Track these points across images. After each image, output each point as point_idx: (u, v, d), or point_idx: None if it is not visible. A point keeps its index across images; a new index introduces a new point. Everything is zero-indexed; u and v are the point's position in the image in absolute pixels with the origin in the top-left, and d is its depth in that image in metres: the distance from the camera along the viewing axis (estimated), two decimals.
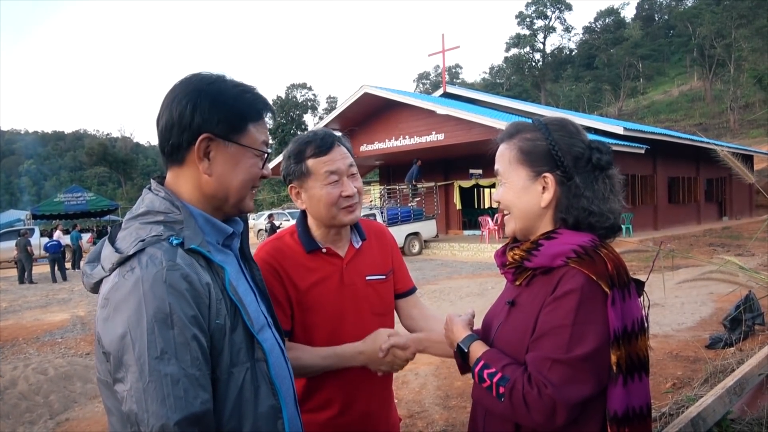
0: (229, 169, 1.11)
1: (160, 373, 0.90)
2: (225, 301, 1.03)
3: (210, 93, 1.09)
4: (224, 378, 1.01)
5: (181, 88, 1.10)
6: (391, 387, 1.76)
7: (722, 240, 15.33)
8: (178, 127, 1.08)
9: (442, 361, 4.97)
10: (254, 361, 1.06)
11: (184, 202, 1.10)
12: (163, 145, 1.11)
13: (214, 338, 0.99)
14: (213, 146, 1.09)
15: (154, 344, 0.91)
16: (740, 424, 2.44)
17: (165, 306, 0.93)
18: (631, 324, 1.07)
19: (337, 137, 1.60)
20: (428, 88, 75.03)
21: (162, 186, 1.12)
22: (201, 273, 1.00)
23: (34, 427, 4.51)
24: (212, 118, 1.08)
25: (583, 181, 1.17)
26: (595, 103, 56.04)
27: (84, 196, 26.39)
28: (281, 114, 67.17)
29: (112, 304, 0.95)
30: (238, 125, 1.11)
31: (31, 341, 7.61)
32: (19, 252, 15.62)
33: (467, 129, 15.95)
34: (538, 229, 1.22)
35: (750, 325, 4.75)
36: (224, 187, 1.12)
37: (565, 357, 1.06)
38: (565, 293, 1.09)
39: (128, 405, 0.91)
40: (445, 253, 16.62)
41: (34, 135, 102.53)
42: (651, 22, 72.54)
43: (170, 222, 1.05)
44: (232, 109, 1.10)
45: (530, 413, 1.07)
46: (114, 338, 0.93)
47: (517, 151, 1.22)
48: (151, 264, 0.96)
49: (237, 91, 1.12)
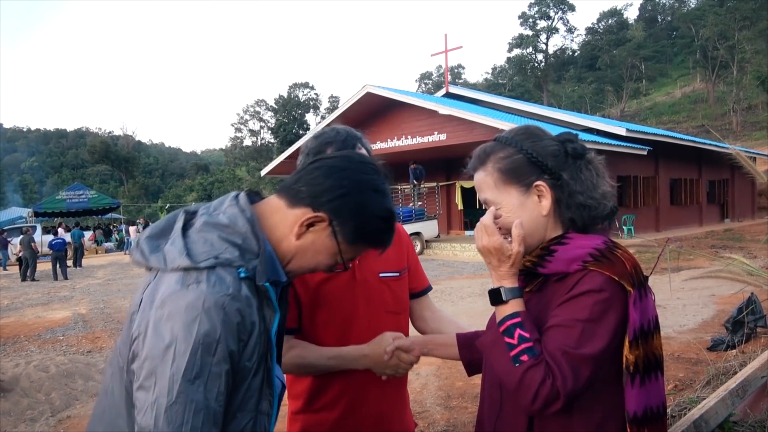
0: (312, 251, 1.09)
1: (188, 397, 0.89)
2: (261, 344, 1.00)
3: (363, 199, 1.07)
4: (227, 419, 0.98)
5: (350, 170, 1.09)
6: (406, 388, 1.71)
7: (724, 242, 15.31)
8: (324, 191, 1.06)
9: (443, 361, 4.97)
10: (258, 413, 1.03)
11: (264, 234, 1.05)
12: (297, 185, 1.09)
13: (236, 378, 0.97)
14: (320, 226, 1.06)
15: (193, 366, 0.90)
16: (743, 426, 2.43)
17: (215, 333, 0.91)
18: (647, 323, 1.07)
19: (358, 138, 1.56)
20: (430, 88, 74.98)
21: (250, 206, 1.06)
22: (254, 313, 0.99)
23: (36, 425, 4.51)
24: (343, 215, 1.06)
25: (570, 176, 1.16)
26: (597, 104, 56.01)
27: (86, 194, 26.45)
28: (283, 113, 67.22)
29: (168, 308, 0.93)
30: (353, 239, 1.08)
31: (33, 338, 7.62)
32: (24, 249, 15.66)
33: (469, 129, 15.96)
34: (547, 237, 1.20)
35: (752, 328, 4.74)
36: (297, 256, 1.09)
37: (575, 351, 1.05)
38: (582, 292, 1.08)
39: (144, 417, 0.90)
40: (447, 253, 16.63)
41: (37, 133, 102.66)
42: (654, 23, 72.44)
43: (246, 250, 1.01)
44: (363, 225, 1.08)
45: (535, 400, 1.05)
46: (158, 345, 0.91)
47: (498, 173, 1.19)
48: (219, 286, 0.94)
49: (382, 213, 1.10)
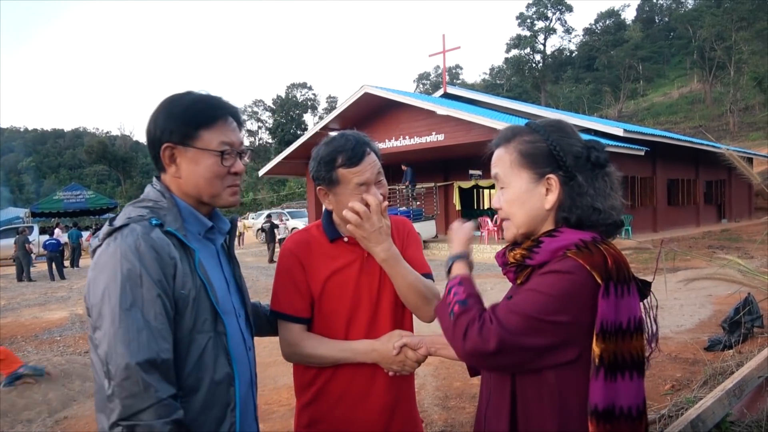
0: (192, 170, 1.30)
1: (128, 321, 1.09)
2: (192, 277, 1.22)
3: (165, 108, 1.30)
4: (186, 341, 1.20)
5: (153, 110, 1.31)
6: (413, 384, 1.74)
7: (721, 242, 15.34)
8: (149, 142, 1.31)
9: (441, 361, 4.97)
10: (216, 333, 1.25)
11: (174, 195, 1.31)
12: (151, 156, 1.34)
13: (178, 305, 1.19)
14: (176, 153, 1.29)
15: (125, 297, 1.11)
16: (739, 426, 2.44)
17: (136, 268, 1.13)
18: (627, 321, 1.07)
19: (368, 144, 1.60)
20: (428, 89, 75.02)
21: (159, 182, 1.34)
22: (172, 249, 1.20)
23: (33, 426, 4.50)
24: (167, 129, 1.28)
25: (585, 180, 1.17)
26: (595, 105, 56.07)
27: (83, 194, 26.37)
28: (281, 113, 67.15)
29: (98, 266, 1.16)
30: (190, 132, 1.28)
31: (30, 339, 7.60)
32: (18, 250, 15.60)
33: (467, 130, 15.96)
34: (540, 231, 1.21)
35: (749, 328, 4.75)
36: (193, 185, 1.31)
37: (521, 311, 1.08)
38: (549, 271, 1.10)
39: (102, 348, 1.10)
40: (445, 253, 16.56)
41: (34, 132, 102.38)
42: (651, 24, 72.56)
43: (156, 208, 1.26)
44: (181, 118, 1.28)
45: (465, 341, 1.11)
46: (96, 293, 1.14)
47: (517, 154, 1.21)
48: (130, 235, 1.17)
49: (189, 102, 1.30)
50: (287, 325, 1.60)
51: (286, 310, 1.60)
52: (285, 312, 1.60)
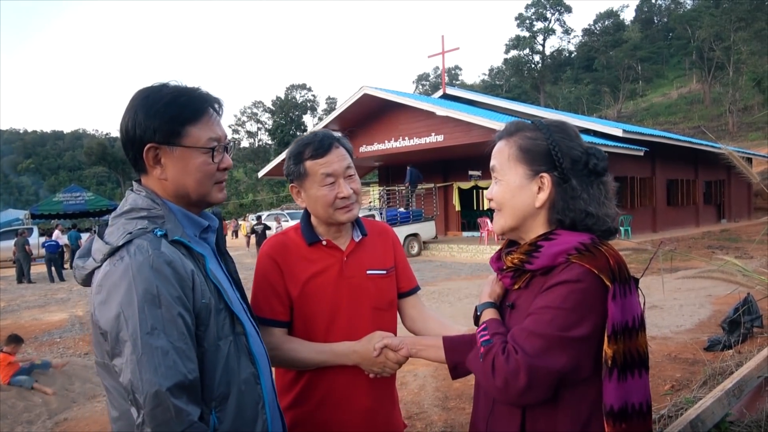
0: (180, 170, 1.21)
1: (152, 346, 1.02)
2: (208, 284, 1.17)
3: (144, 105, 1.18)
4: (212, 350, 1.14)
5: (126, 106, 1.20)
6: (394, 387, 1.75)
7: (721, 242, 15.35)
8: (127, 142, 1.20)
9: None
10: (235, 335, 1.21)
11: (163, 199, 1.22)
12: (127, 158, 1.24)
13: (201, 315, 1.13)
14: (161, 153, 1.19)
15: (145, 321, 1.03)
16: (739, 426, 2.44)
17: (153, 288, 1.05)
18: (632, 320, 1.08)
19: (336, 138, 1.62)
20: (428, 90, 75.03)
21: (142, 186, 1.24)
22: (185, 260, 1.13)
23: (33, 427, 4.50)
24: (149, 128, 1.17)
25: (579, 184, 1.17)
26: (594, 105, 56.07)
27: (83, 196, 26.32)
28: (280, 115, 67.12)
29: (106, 289, 1.07)
30: (176, 129, 1.19)
31: (30, 341, 7.58)
32: (18, 251, 15.59)
33: (466, 130, 15.97)
34: (528, 228, 1.22)
35: (748, 328, 4.75)
36: (182, 186, 1.22)
37: (542, 331, 1.08)
38: (559, 282, 1.10)
39: (125, 376, 1.03)
40: (444, 254, 16.63)
41: (33, 134, 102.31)
42: (650, 24, 72.60)
43: (153, 217, 1.18)
44: (164, 116, 1.17)
45: (494, 377, 1.10)
46: (110, 318, 1.05)
47: (516, 148, 1.22)
48: (139, 252, 1.08)
49: (169, 97, 1.19)
50: (267, 329, 1.57)
51: (266, 314, 1.58)
52: (264, 316, 1.58)
